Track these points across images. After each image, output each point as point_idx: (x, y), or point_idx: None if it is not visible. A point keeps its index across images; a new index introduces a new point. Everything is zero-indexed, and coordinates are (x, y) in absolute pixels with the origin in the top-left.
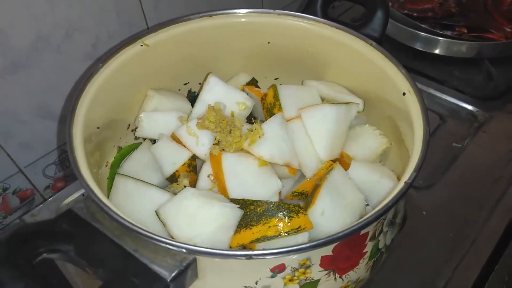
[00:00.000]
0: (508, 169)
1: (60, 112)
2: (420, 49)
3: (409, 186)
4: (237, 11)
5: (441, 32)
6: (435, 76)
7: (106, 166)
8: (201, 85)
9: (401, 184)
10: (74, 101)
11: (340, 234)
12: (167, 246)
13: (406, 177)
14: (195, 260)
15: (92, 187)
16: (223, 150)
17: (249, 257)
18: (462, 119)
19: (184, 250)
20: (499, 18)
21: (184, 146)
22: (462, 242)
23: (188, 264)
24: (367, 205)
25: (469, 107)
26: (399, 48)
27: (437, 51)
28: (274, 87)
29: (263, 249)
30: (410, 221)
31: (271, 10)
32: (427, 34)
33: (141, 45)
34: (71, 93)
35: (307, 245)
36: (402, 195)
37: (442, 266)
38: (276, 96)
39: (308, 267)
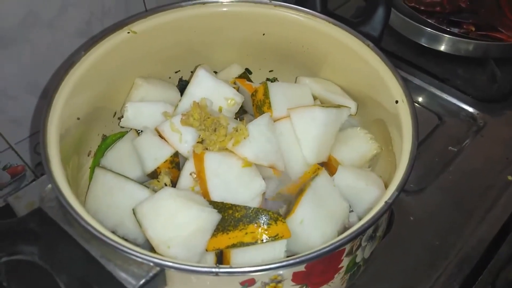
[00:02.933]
0: (501, 177)
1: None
2: (424, 44)
3: (390, 206)
4: (231, 0)
5: (447, 29)
6: (438, 74)
7: (89, 155)
8: (190, 76)
9: (380, 204)
10: (51, 93)
11: (310, 255)
12: (133, 257)
13: (387, 196)
14: (163, 269)
15: (61, 189)
16: (207, 148)
17: (215, 274)
18: (461, 121)
19: (151, 264)
20: (511, 16)
21: (167, 142)
22: (448, 251)
23: (155, 274)
24: (351, 211)
25: (470, 109)
26: (403, 42)
27: (442, 48)
28: (265, 84)
29: (230, 267)
30: (396, 225)
31: (268, 1)
32: (433, 30)
33: (128, 32)
34: (49, 82)
35: (276, 265)
36: (381, 215)
37: (424, 274)
38: (266, 94)
39: (279, 281)
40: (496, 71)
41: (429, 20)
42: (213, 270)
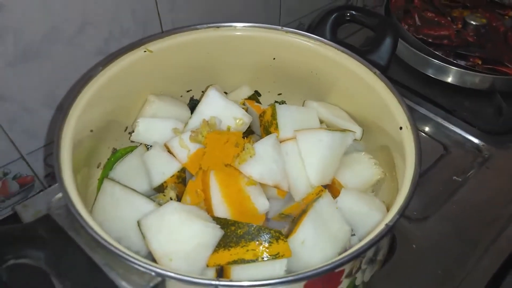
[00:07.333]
0: (507, 209)
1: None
2: (432, 76)
3: (390, 228)
4: (245, 24)
5: (454, 61)
6: (444, 105)
7: (98, 167)
8: (201, 95)
9: (381, 226)
10: (67, 104)
11: (310, 273)
12: (136, 266)
13: (388, 219)
14: (164, 280)
15: (71, 197)
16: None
17: (215, 286)
18: (466, 152)
19: (153, 273)
20: None
21: (175, 157)
22: (450, 281)
23: (155, 285)
24: (353, 235)
25: (475, 140)
26: (410, 72)
27: (449, 80)
28: (273, 106)
29: (230, 280)
30: (398, 253)
31: (279, 27)
32: (440, 62)
33: (145, 51)
34: (66, 95)
35: (275, 281)
36: (381, 237)
37: None
38: (274, 115)
39: None
40: (502, 104)
41: (436, 52)
42: (213, 282)
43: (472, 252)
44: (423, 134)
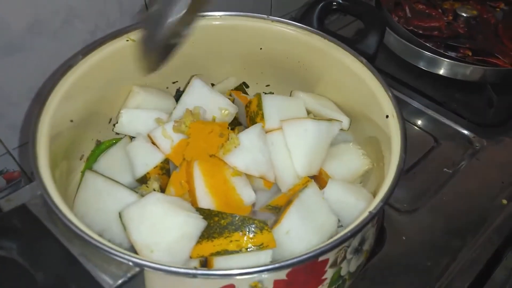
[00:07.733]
0: (497, 201)
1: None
2: (423, 68)
3: (373, 216)
4: (230, 13)
5: (445, 53)
6: (435, 97)
7: (81, 159)
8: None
9: (364, 214)
10: (45, 94)
11: (290, 261)
12: (112, 255)
13: (371, 206)
14: (142, 271)
15: (47, 187)
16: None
17: (193, 275)
18: (457, 144)
19: (130, 263)
20: (508, 44)
21: (159, 148)
22: (440, 272)
23: (133, 275)
24: (341, 226)
25: (466, 132)
26: (401, 65)
27: (440, 72)
28: (258, 96)
29: (208, 269)
30: (388, 244)
31: (265, 16)
32: (432, 54)
33: (127, 40)
34: (45, 84)
35: (255, 269)
36: (365, 225)
37: None
38: (259, 105)
39: None
40: (492, 96)
41: (427, 44)
42: (191, 271)
43: (461, 244)
44: (414, 126)
